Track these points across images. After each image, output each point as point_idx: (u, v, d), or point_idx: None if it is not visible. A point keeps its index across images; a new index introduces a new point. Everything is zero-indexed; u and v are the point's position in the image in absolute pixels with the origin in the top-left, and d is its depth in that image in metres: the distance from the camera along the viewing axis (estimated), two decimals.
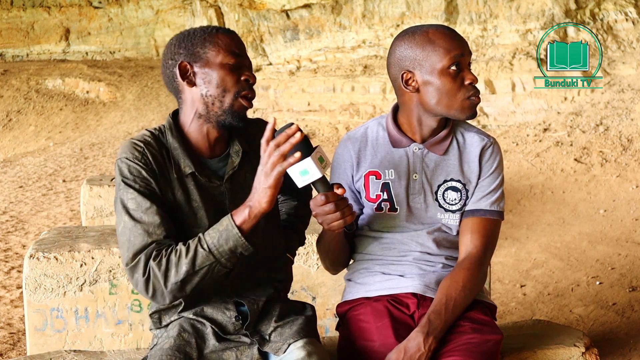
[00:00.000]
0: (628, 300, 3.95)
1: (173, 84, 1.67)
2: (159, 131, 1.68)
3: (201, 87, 1.62)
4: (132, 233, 1.55)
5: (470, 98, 1.69)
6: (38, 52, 18.72)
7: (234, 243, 1.51)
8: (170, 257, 1.52)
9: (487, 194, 1.76)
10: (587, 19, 9.08)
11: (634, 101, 7.88)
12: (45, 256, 2.46)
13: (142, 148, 1.61)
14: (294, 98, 11.78)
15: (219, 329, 1.66)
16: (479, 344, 1.61)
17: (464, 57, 1.68)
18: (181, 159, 1.64)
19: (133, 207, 1.56)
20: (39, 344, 2.47)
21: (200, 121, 1.65)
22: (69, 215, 7.12)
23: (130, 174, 1.58)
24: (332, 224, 1.55)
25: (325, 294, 2.67)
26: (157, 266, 1.52)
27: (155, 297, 1.56)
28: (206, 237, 1.53)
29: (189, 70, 1.63)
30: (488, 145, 1.77)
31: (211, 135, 1.67)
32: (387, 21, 10.78)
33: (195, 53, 1.63)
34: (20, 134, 14.76)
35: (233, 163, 1.69)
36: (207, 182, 1.66)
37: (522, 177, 7.15)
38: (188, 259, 1.51)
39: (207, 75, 1.62)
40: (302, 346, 1.59)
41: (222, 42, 1.63)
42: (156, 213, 1.56)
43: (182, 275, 1.52)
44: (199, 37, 1.64)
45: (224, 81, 1.61)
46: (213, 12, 13.27)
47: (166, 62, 1.67)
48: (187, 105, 1.66)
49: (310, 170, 1.50)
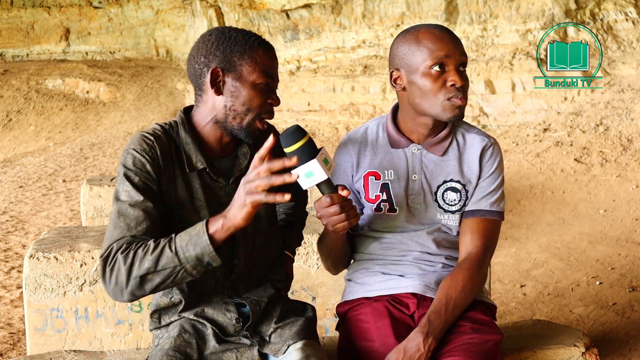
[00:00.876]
0: (628, 300, 3.95)
1: (198, 81, 1.64)
2: (170, 126, 1.67)
3: (227, 99, 1.60)
4: (114, 224, 1.52)
5: (452, 100, 1.67)
6: (38, 52, 18.72)
7: (201, 250, 1.45)
8: (138, 250, 1.47)
9: (487, 194, 1.76)
10: (587, 19, 9.08)
11: (634, 101, 7.88)
12: (45, 256, 2.46)
13: (151, 141, 1.60)
14: (294, 98, 11.78)
15: (220, 331, 1.66)
16: (479, 344, 1.61)
17: (449, 58, 1.66)
18: (193, 155, 1.63)
19: (124, 199, 1.54)
20: (39, 344, 2.47)
21: (215, 125, 1.64)
22: (69, 215, 7.13)
23: (133, 166, 1.57)
24: (337, 226, 1.55)
25: (325, 294, 2.67)
26: (124, 259, 1.47)
27: (115, 292, 1.49)
28: (177, 238, 1.47)
29: (219, 78, 1.60)
30: (488, 146, 1.78)
31: (224, 139, 1.67)
32: (387, 21, 10.78)
33: (231, 61, 1.59)
34: (20, 134, 14.76)
35: (240, 165, 1.68)
36: (213, 181, 1.65)
37: (522, 177, 7.15)
38: (153, 256, 1.46)
39: (236, 90, 1.60)
40: (301, 348, 1.59)
41: (261, 60, 1.60)
42: (143, 209, 1.52)
43: (143, 271, 1.46)
44: (240, 45, 1.59)
45: (251, 101, 1.60)
46: (213, 12, 13.27)
47: (198, 56, 1.62)
48: (207, 107, 1.64)
49: (315, 172, 1.49)
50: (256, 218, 1.70)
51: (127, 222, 1.51)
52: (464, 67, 1.69)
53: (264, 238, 1.74)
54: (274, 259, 1.80)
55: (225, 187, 1.66)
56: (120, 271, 1.47)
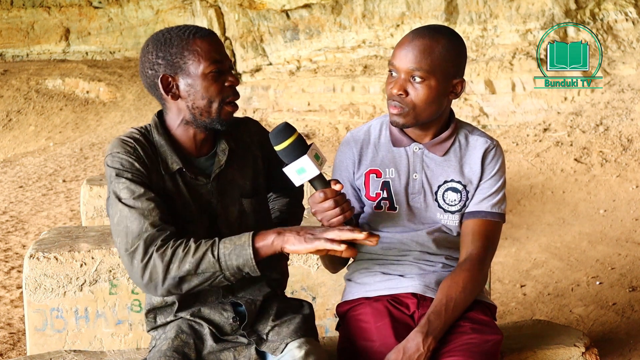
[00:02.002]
0: (628, 300, 3.95)
1: (156, 92, 1.64)
2: (145, 130, 1.67)
3: (186, 100, 1.61)
4: (129, 219, 1.52)
5: (389, 106, 1.72)
6: (38, 52, 18.71)
7: (243, 261, 1.48)
8: (177, 250, 1.49)
9: (489, 196, 1.76)
10: (587, 19, 9.08)
11: (634, 101, 7.88)
12: (45, 256, 2.46)
13: (132, 143, 1.61)
14: (294, 98, 11.78)
15: (217, 330, 1.66)
16: (479, 344, 1.61)
17: (395, 67, 1.69)
18: (168, 156, 1.63)
19: (126, 195, 1.55)
20: (39, 344, 2.47)
21: (187, 126, 1.65)
22: (69, 215, 7.13)
23: (121, 166, 1.58)
24: (332, 220, 1.56)
25: (325, 294, 2.67)
26: (161, 256, 1.49)
27: (148, 287, 1.52)
28: (221, 244, 1.50)
29: (171, 83, 1.60)
30: (491, 148, 1.78)
31: (198, 137, 1.67)
32: (387, 21, 10.77)
33: (175, 64, 1.58)
34: (20, 134, 14.76)
35: (220, 162, 1.68)
36: (193, 179, 1.65)
37: (522, 177, 7.15)
38: (194, 258, 1.48)
39: (190, 88, 1.59)
40: (300, 345, 1.59)
41: (202, 50, 1.58)
42: (149, 199, 1.54)
43: (183, 272, 1.49)
44: (176, 44, 1.58)
45: (208, 91, 1.59)
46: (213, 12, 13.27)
47: (145, 70, 1.62)
48: (173, 112, 1.65)
49: (307, 168, 1.50)
50: (242, 214, 1.71)
51: (140, 213, 1.52)
52: (419, 78, 1.66)
53: None
54: (269, 257, 1.78)
55: (207, 185, 1.67)
56: (157, 269, 1.49)
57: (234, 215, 1.70)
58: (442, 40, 1.68)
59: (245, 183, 1.73)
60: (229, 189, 1.69)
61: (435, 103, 1.70)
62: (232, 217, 1.70)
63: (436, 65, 1.66)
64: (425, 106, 1.69)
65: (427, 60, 1.65)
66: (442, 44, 1.67)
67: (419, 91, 1.67)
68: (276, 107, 12.03)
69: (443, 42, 1.68)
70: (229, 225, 1.69)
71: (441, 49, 1.67)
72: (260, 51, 12.67)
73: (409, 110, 1.68)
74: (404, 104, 1.68)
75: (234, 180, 1.70)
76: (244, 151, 1.75)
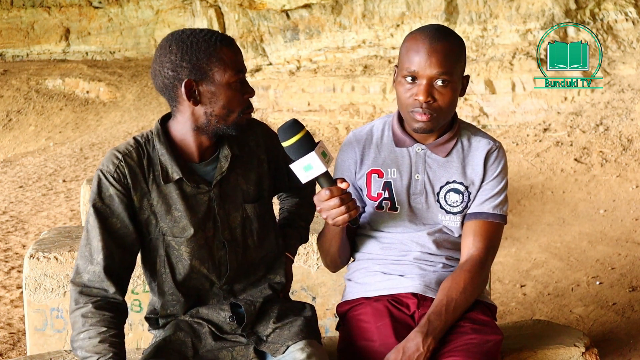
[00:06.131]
0: (628, 300, 3.95)
1: (171, 94, 1.61)
2: (146, 139, 1.66)
3: (206, 106, 1.59)
4: (81, 250, 1.61)
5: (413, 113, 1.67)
6: (38, 52, 18.72)
7: None
8: (87, 322, 1.55)
9: (491, 197, 1.76)
10: (587, 19, 9.08)
11: (634, 101, 7.87)
12: (45, 256, 2.46)
13: (118, 161, 1.60)
14: (294, 98, 11.78)
15: (216, 329, 1.66)
16: (479, 344, 1.61)
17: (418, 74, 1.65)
18: (169, 165, 1.62)
19: (91, 225, 1.60)
20: (39, 344, 2.47)
21: (196, 132, 1.63)
22: (69, 215, 7.13)
23: (99, 195, 1.60)
24: (336, 219, 1.56)
25: (325, 294, 2.67)
26: (80, 319, 1.56)
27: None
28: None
29: (194, 89, 1.57)
30: (494, 149, 1.78)
31: (204, 144, 1.65)
32: (387, 21, 10.77)
33: (200, 69, 1.56)
34: (20, 134, 14.76)
35: (222, 168, 1.66)
36: (194, 188, 1.63)
37: (522, 177, 7.15)
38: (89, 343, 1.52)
39: (213, 96, 1.58)
40: (302, 348, 1.59)
41: (228, 58, 1.57)
42: (101, 239, 1.58)
43: (73, 342, 1.56)
44: (203, 50, 1.55)
45: (230, 102, 1.58)
46: (213, 12, 13.26)
47: (164, 70, 1.57)
48: (185, 117, 1.62)
49: (314, 165, 1.50)
50: (245, 220, 1.70)
51: (89, 252, 1.59)
52: (443, 82, 1.65)
53: (256, 239, 1.73)
54: (270, 258, 1.78)
55: (208, 193, 1.65)
56: (74, 325, 1.58)
57: (236, 222, 1.69)
58: (453, 40, 1.69)
59: (249, 188, 1.71)
60: (231, 195, 1.67)
61: (455, 104, 1.72)
62: (235, 223, 1.69)
63: (455, 67, 1.67)
64: (450, 109, 1.70)
65: (449, 64, 1.65)
66: (454, 44, 1.68)
67: (444, 95, 1.67)
68: (276, 107, 12.03)
69: (454, 41, 1.69)
70: (232, 231, 1.68)
71: (455, 49, 1.68)
72: (260, 51, 12.67)
73: (437, 115, 1.68)
74: (432, 110, 1.67)
75: (237, 186, 1.69)
76: (249, 155, 1.73)
